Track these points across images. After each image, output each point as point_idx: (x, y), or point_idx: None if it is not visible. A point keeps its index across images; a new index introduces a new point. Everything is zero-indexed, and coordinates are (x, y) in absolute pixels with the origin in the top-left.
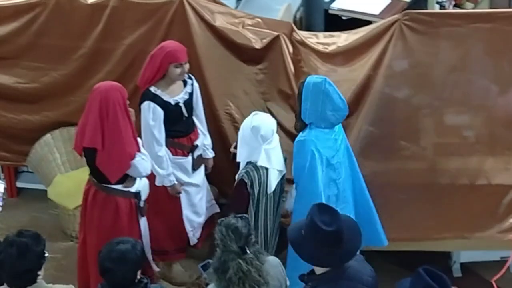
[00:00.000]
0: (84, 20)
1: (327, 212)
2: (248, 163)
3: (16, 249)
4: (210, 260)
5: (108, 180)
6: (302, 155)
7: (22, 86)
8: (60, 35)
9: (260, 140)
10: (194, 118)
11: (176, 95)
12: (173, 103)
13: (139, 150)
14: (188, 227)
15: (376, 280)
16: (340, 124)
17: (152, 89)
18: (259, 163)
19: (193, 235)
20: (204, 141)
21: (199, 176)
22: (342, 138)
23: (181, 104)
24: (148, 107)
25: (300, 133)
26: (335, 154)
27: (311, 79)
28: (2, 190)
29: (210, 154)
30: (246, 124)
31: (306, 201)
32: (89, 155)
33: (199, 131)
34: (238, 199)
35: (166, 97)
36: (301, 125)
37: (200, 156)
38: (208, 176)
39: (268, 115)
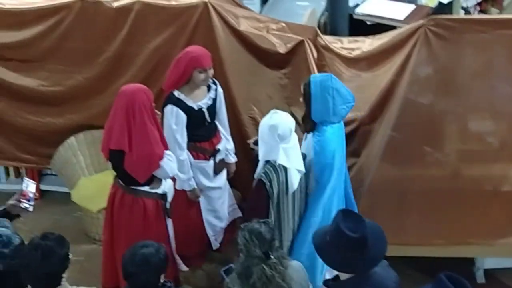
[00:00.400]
0: (109, 24)
1: (352, 218)
2: (267, 162)
3: (40, 252)
4: (232, 265)
5: (135, 182)
6: (325, 154)
7: (47, 89)
8: (85, 38)
9: (277, 139)
10: (217, 123)
11: (200, 100)
12: (196, 108)
13: (166, 150)
14: (209, 232)
15: (399, 286)
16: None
17: (176, 93)
18: (278, 162)
19: (215, 239)
20: (227, 145)
21: (221, 180)
22: (343, 129)
23: (204, 110)
24: (171, 111)
25: (316, 133)
26: (343, 146)
27: (316, 78)
28: (33, 190)
29: (233, 159)
30: (265, 123)
31: (328, 198)
32: (116, 157)
33: (221, 136)
34: (257, 200)
35: (189, 102)
36: (311, 125)
37: (222, 160)
38: (230, 180)
39: (287, 114)
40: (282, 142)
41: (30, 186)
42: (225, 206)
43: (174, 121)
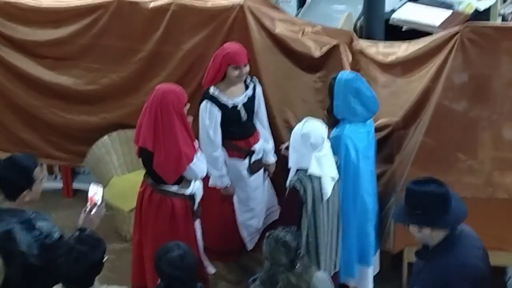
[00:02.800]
0: (145, 24)
1: (425, 179)
2: (300, 170)
3: (74, 256)
4: (260, 275)
5: (164, 181)
6: (338, 149)
7: (81, 88)
8: (120, 37)
9: (310, 148)
10: (257, 122)
11: (236, 97)
12: (230, 105)
13: (195, 152)
14: (244, 233)
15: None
16: (371, 119)
17: (211, 89)
18: (310, 171)
19: (250, 240)
20: (266, 145)
21: (257, 180)
22: (373, 132)
23: (239, 108)
24: (205, 106)
25: (335, 129)
26: (369, 146)
27: (343, 75)
28: (101, 196)
29: (272, 159)
30: (297, 131)
31: (352, 195)
32: (145, 155)
33: (260, 136)
34: (291, 206)
35: (224, 99)
36: (334, 121)
37: (259, 160)
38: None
39: (319, 122)
40: (314, 150)
41: (98, 193)
42: (261, 207)
43: (208, 117)
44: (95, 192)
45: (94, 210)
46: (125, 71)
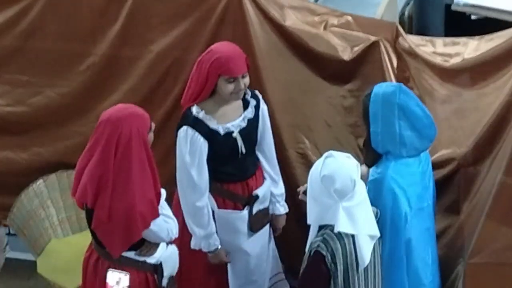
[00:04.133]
0: (95, 16)
1: None
2: (324, 227)
3: None
4: None
5: None
6: (381, 199)
7: (3, 110)
8: (60, 36)
9: (334, 196)
10: (260, 156)
11: (229, 121)
12: (222, 132)
13: (159, 203)
14: None
15: None
16: (427, 151)
17: (194, 110)
18: (338, 228)
19: None
20: (274, 190)
21: (261, 240)
22: (430, 170)
23: (235, 135)
24: (185, 135)
25: (373, 168)
26: (425, 193)
27: (380, 89)
28: (127, 284)
29: (282, 209)
30: (315, 172)
31: (402, 264)
32: (89, 212)
33: (266, 175)
34: (313, 279)
35: (212, 123)
36: (373, 157)
37: (263, 211)
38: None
39: (346, 157)
40: (342, 199)
41: (122, 281)
42: (265, 277)
43: (189, 150)
44: (118, 280)
45: None
46: (68, 85)
